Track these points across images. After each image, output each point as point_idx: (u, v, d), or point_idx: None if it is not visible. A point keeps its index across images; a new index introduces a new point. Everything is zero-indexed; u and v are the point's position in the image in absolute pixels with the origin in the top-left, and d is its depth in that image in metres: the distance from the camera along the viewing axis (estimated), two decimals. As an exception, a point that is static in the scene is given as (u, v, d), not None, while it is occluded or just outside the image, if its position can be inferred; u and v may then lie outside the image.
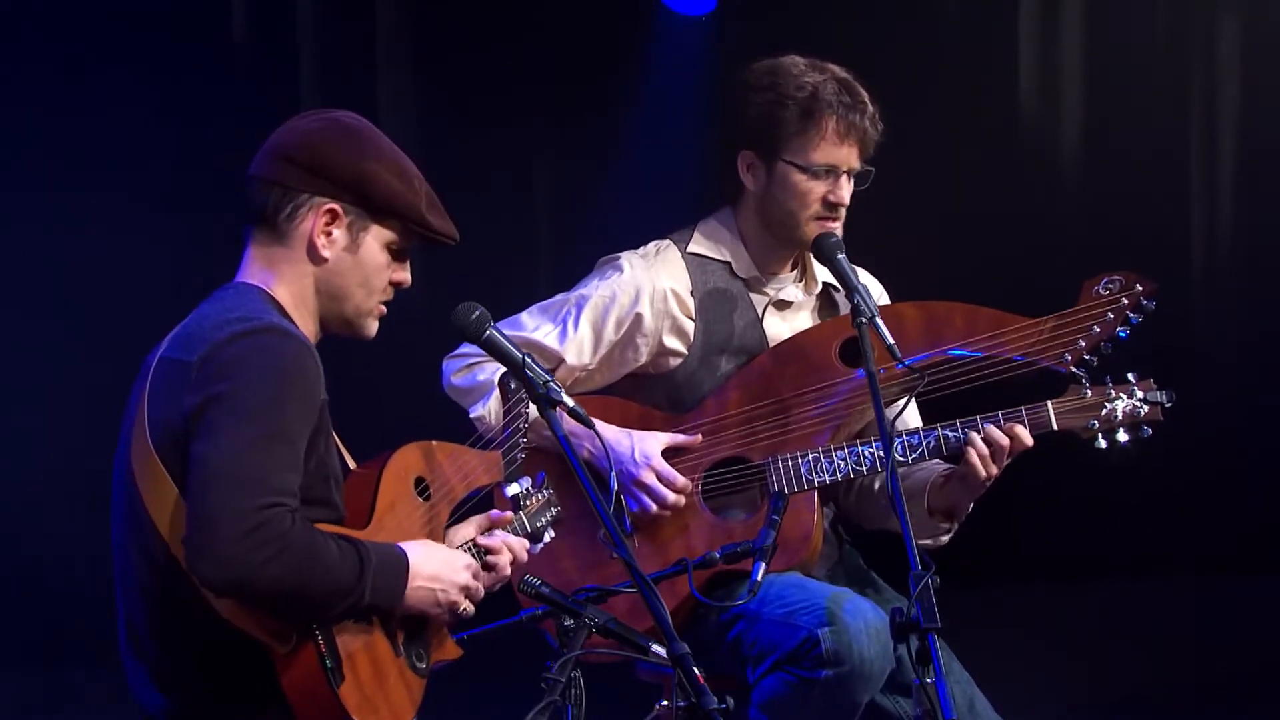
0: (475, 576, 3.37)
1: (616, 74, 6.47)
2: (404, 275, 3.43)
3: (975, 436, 4.09)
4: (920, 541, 4.29)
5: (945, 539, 4.27)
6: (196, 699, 3.25)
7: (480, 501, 3.60)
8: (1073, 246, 6.55)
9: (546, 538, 3.71)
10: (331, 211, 3.33)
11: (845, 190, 4.22)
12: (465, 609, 3.36)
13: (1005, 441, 4.08)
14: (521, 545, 3.53)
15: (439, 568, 3.30)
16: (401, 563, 3.25)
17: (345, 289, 3.37)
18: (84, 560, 5.57)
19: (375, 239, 3.36)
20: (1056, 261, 6.37)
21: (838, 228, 4.22)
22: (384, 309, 3.44)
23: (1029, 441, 4.10)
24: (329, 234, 3.34)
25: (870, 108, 4.23)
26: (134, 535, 3.25)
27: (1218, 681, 6.36)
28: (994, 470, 4.10)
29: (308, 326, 3.37)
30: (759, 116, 4.23)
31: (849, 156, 4.21)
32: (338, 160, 3.33)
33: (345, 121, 3.40)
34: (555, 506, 3.75)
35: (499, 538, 3.48)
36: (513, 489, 3.65)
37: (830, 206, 4.21)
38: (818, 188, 4.21)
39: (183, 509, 3.14)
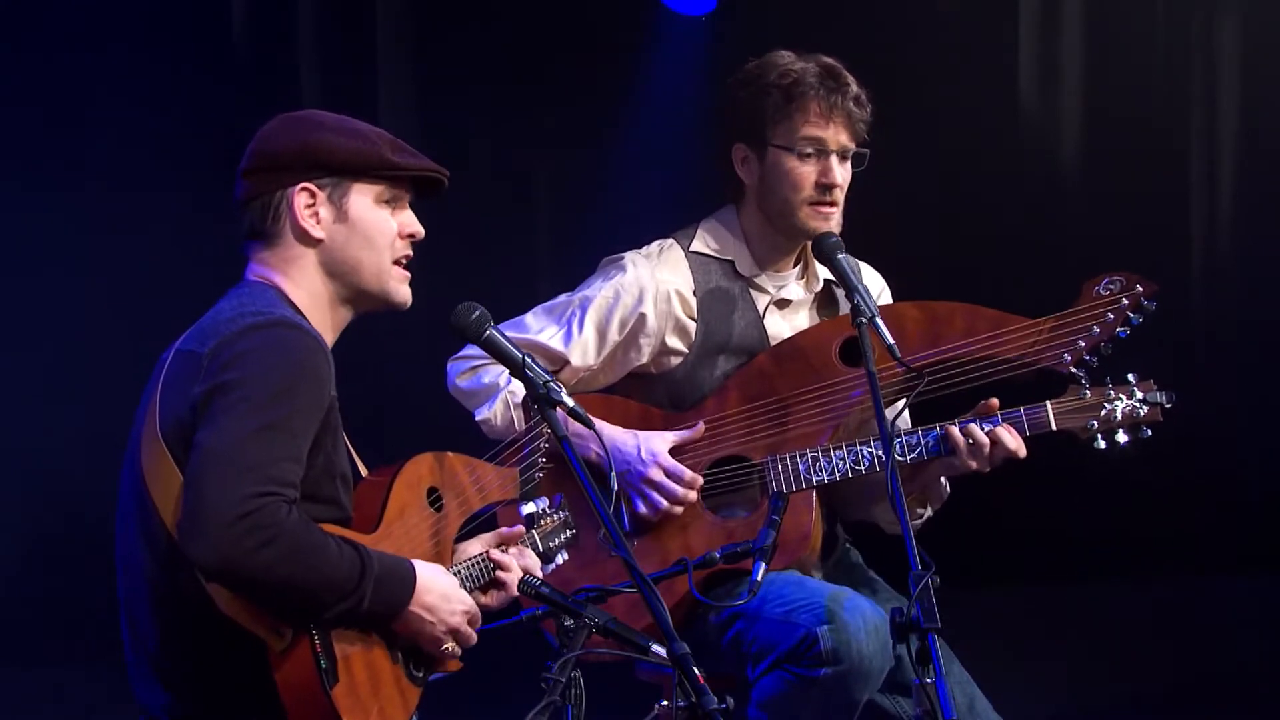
0: (470, 623, 3.36)
1: (616, 74, 6.47)
2: (410, 224, 3.43)
3: (954, 431, 4.09)
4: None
5: (918, 524, 4.26)
6: (196, 696, 3.25)
7: (491, 518, 3.60)
8: (1073, 246, 6.54)
9: (559, 560, 3.72)
10: (306, 191, 3.35)
11: (837, 171, 4.22)
12: (449, 649, 3.34)
13: (985, 441, 4.07)
14: (535, 563, 3.53)
15: (438, 601, 3.29)
16: (408, 578, 3.25)
17: (351, 257, 3.38)
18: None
19: (360, 198, 3.38)
20: (1056, 261, 6.36)
21: (835, 212, 4.22)
22: (406, 272, 3.44)
23: (1011, 446, 4.08)
24: (314, 213, 3.36)
25: (854, 89, 4.23)
26: (140, 525, 3.25)
27: (1217, 681, 6.35)
28: (973, 465, 4.10)
29: (327, 319, 3.39)
30: (746, 108, 4.26)
31: (835, 135, 4.21)
32: (284, 146, 3.37)
33: (287, 114, 3.44)
34: (571, 529, 3.75)
35: (512, 554, 3.48)
36: (528, 508, 3.65)
37: (824, 189, 4.21)
38: (808, 170, 4.22)
39: None
